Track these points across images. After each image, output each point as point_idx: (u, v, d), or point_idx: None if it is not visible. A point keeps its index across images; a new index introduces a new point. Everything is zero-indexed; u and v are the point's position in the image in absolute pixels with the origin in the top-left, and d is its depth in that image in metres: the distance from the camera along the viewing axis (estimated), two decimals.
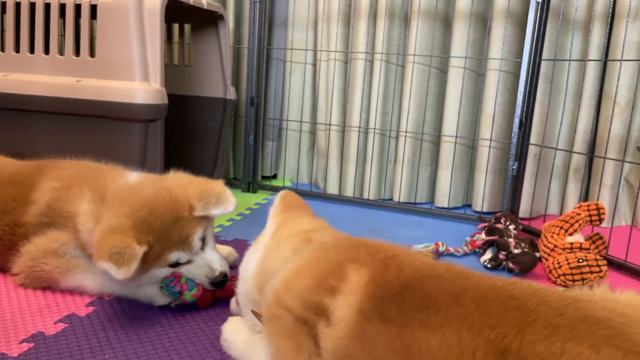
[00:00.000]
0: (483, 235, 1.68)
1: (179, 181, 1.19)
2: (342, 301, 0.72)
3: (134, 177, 1.26)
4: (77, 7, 1.68)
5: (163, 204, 1.12)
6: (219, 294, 1.22)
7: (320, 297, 0.74)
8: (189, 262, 1.17)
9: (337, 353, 0.71)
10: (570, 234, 1.54)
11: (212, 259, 1.19)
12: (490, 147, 2.11)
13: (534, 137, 2.02)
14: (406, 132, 2.22)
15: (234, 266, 1.46)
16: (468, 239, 1.72)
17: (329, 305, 0.73)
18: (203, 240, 1.19)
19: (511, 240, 1.59)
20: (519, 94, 1.92)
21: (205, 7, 1.96)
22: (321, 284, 0.76)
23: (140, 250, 1.05)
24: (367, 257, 0.78)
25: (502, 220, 1.74)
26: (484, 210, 2.18)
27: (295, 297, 0.78)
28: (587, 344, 0.56)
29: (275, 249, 0.94)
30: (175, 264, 1.16)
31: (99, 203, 1.18)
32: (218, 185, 1.19)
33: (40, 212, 1.26)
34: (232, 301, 1.17)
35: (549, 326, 0.60)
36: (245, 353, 0.97)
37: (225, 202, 1.17)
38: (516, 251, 1.55)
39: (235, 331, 1.02)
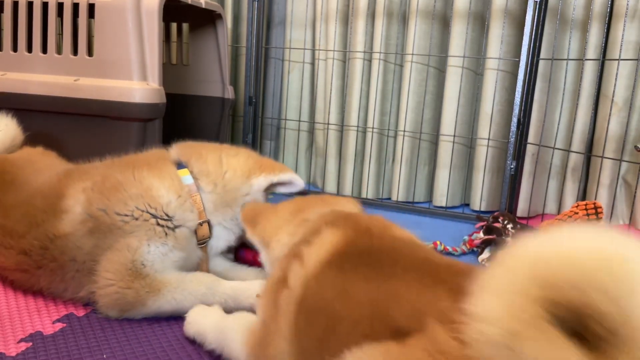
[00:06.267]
0: (481, 235, 1.68)
1: None
2: (314, 251, 0.83)
3: None
4: (75, 6, 1.67)
5: None
6: None
7: (300, 247, 0.85)
8: None
9: (303, 290, 0.79)
10: None
11: None
12: (488, 146, 2.11)
13: (531, 137, 2.02)
14: (404, 131, 2.23)
15: None
16: (466, 238, 1.72)
17: (303, 252, 0.83)
18: None
19: (509, 239, 1.59)
20: (517, 93, 1.92)
21: (204, 6, 1.96)
22: (304, 238, 0.89)
23: None
24: (346, 224, 0.87)
25: (500, 219, 1.74)
26: (482, 209, 2.18)
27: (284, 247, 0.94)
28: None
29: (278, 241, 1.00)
30: None
31: None
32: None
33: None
34: None
35: (452, 288, 0.62)
36: (219, 335, 0.98)
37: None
38: None
39: (202, 313, 1.05)
